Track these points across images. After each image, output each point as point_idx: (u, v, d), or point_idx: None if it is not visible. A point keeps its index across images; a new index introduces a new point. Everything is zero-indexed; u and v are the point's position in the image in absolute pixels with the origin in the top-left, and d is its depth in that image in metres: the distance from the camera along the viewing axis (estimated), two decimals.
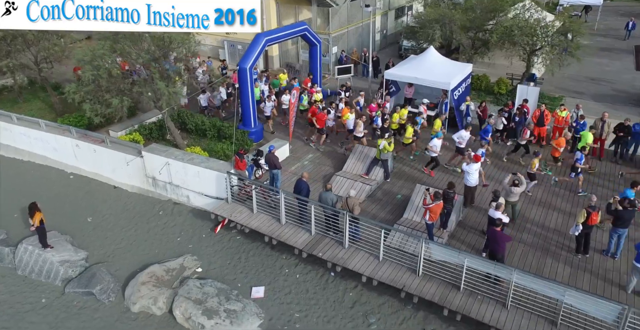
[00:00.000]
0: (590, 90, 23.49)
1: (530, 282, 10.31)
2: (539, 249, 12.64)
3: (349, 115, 17.31)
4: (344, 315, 11.98)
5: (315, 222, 13.14)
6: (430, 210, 11.96)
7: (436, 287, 11.40)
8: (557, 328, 10.18)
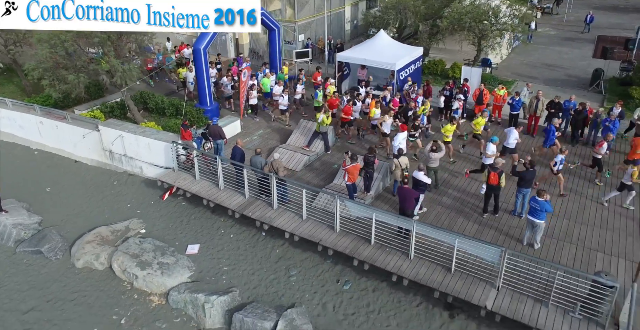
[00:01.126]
0: (544, 75, 24.46)
1: (429, 232, 11.30)
2: (454, 210, 13.64)
3: (375, 110, 16.81)
4: (268, 268, 13.00)
5: (248, 185, 14.16)
6: (348, 172, 12.99)
7: (350, 241, 12.40)
8: (450, 273, 11.15)
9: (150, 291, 12.72)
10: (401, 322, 11.27)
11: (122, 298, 12.69)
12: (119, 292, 12.88)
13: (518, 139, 14.80)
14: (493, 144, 13.95)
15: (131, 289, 12.95)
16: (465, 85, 18.74)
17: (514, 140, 14.76)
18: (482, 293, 10.60)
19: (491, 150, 13.88)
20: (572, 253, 11.77)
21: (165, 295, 12.53)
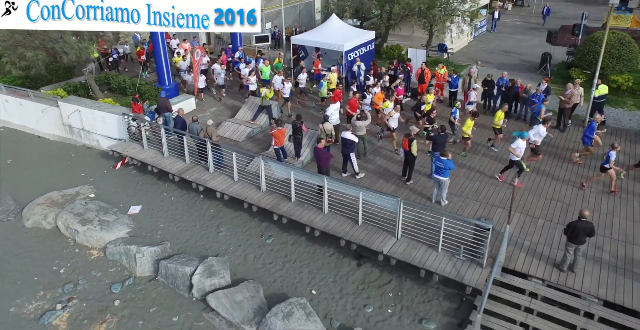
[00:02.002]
0: (498, 60, 25.51)
1: (338, 186, 12.38)
2: (377, 174, 14.70)
3: (388, 103, 16.19)
4: (201, 226, 14.11)
5: (189, 151, 15.28)
6: (274, 136, 14.11)
7: (273, 199, 13.49)
8: (358, 225, 12.22)
9: (91, 245, 13.82)
10: (313, 269, 12.34)
11: (64, 252, 13.80)
12: (62, 247, 13.99)
13: (542, 135, 14.06)
14: (522, 140, 13.06)
15: (74, 244, 14.05)
16: (409, 65, 19.82)
17: (537, 137, 14.02)
18: (382, 241, 11.66)
19: (517, 146, 12.99)
20: (474, 209, 12.81)
21: (104, 249, 13.62)
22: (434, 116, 15.52)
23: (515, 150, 13.04)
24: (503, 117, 15.27)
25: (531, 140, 13.92)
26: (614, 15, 27.56)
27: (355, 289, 11.72)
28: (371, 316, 11.05)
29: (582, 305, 9.94)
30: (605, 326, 9.65)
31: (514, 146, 13.06)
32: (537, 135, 14.00)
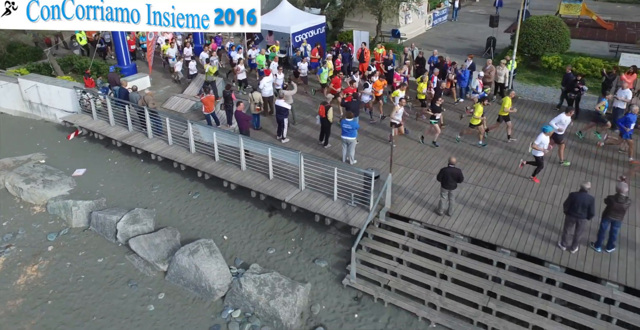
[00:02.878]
0: (450, 45, 26.85)
1: (249, 145, 13.76)
2: (298, 139, 16.03)
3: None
4: (137, 185, 15.50)
5: (131, 120, 16.67)
6: (203, 102, 15.48)
7: (199, 159, 14.87)
8: (269, 179, 13.58)
9: (34, 202, 15.21)
10: (229, 219, 13.72)
11: (9, 209, 15.19)
12: (8, 204, 15.38)
13: (564, 124, 13.55)
14: (545, 134, 12.49)
15: (19, 202, 15.44)
16: (350, 45, 21.18)
17: (559, 125, 13.52)
18: (287, 191, 13.01)
19: (540, 141, 12.45)
20: (379, 166, 14.13)
21: (45, 205, 15.01)
22: (440, 104, 15.01)
23: (539, 146, 12.44)
24: (511, 104, 14.75)
25: (556, 130, 13.33)
26: (565, 4, 29.05)
27: (263, 236, 13.09)
28: (272, 256, 12.41)
29: (449, 242, 11.27)
30: (466, 258, 10.98)
31: (537, 142, 12.42)
32: (560, 124, 13.49)
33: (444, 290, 10.61)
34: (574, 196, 10.01)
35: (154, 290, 11.89)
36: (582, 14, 29.22)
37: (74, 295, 11.81)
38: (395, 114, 14.70)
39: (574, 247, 10.42)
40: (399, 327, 10.43)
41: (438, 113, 14.93)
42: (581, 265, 10.11)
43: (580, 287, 9.91)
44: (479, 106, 14.45)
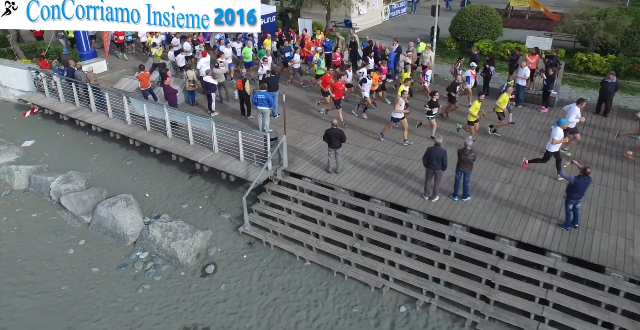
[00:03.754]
0: (399, 35, 28.30)
1: (174, 116, 15.41)
2: (226, 113, 17.65)
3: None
4: (79, 154, 17.17)
5: (78, 97, 18.35)
6: (138, 78, 17.14)
7: (134, 129, 16.52)
8: (190, 144, 15.22)
9: None
10: (154, 181, 15.38)
11: None
12: None
13: (580, 117, 13.42)
14: (560, 128, 12.18)
15: None
16: (292, 32, 22.83)
17: (575, 119, 13.31)
18: (202, 154, 14.65)
19: (558, 135, 12.12)
20: (291, 135, 15.72)
21: None
22: (437, 99, 14.67)
23: (557, 139, 12.17)
24: (508, 101, 14.69)
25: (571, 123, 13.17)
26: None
27: (180, 194, 14.74)
28: (184, 210, 14.07)
29: (332, 194, 12.89)
30: (344, 208, 12.59)
31: (557, 138, 12.13)
32: (574, 117, 13.28)
33: (321, 234, 12.23)
34: (429, 150, 11.61)
35: (76, 238, 13.55)
36: (531, 6, 30.83)
37: (4, 243, 13.47)
38: (399, 106, 14.13)
39: (434, 196, 12.01)
40: (280, 265, 12.04)
41: (435, 108, 14.66)
42: (436, 211, 11.70)
43: (432, 228, 11.51)
44: (475, 102, 14.19)
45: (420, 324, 10.21)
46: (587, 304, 9.63)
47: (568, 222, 10.78)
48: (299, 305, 10.90)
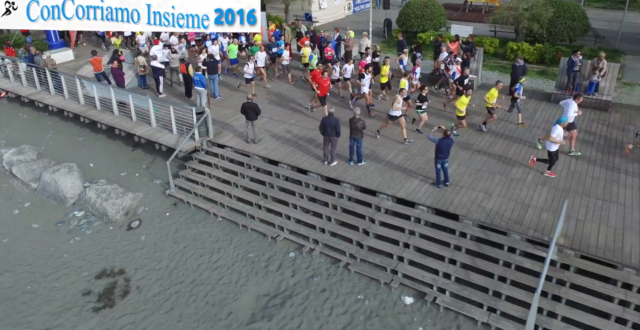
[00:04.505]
0: (359, 27, 29.93)
1: (119, 95, 17.20)
2: (173, 95, 19.42)
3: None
4: (37, 133, 19.01)
5: (39, 81, 20.16)
6: (91, 62, 18.95)
7: (85, 108, 18.32)
8: (132, 120, 16.98)
9: None
10: (101, 154, 17.19)
11: None
12: None
13: (577, 111, 13.24)
14: (560, 125, 12.04)
15: None
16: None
17: (573, 113, 13.17)
18: (140, 128, 16.42)
19: (557, 133, 11.99)
20: (225, 113, 17.45)
21: None
22: (426, 93, 14.79)
23: (556, 138, 12.06)
24: (497, 96, 14.66)
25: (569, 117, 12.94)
26: None
27: (122, 164, 16.52)
28: (122, 177, 15.86)
29: (247, 160, 14.64)
30: (255, 171, 14.35)
31: (554, 135, 12.02)
32: (572, 112, 13.16)
33: (233, 194, 13.98)
34: (323, 120, 13.33)
35: (23, 201, 15.34)
36: (487, 1, 32.52)
37: None
38: (397, 104, 14.16)
39: (332, 161, 13.73)
40: (196, 220, 13.81)
41: (424, 102, 14.79)
42: (332, 173, 13.42)
43: (325, 188, 13.24)
44: (462, 98, 14.34)
45: (303, 265, 11.93)
46: (439, 246, 11.33)
47: (439, 180, 12.48)
48: (204, 251, 12.65)
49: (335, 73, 17.51)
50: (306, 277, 11.58)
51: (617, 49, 23.68)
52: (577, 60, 16.77)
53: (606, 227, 10.77)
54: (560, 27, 22.19)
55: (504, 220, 11.20)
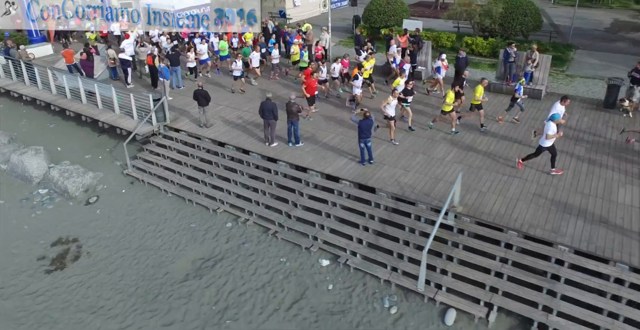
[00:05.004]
0: (325, 23, 31.47)
1: (86, 85, 18.60)
2: (141, 86, 20.79)
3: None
4: (12, 120, 20.41)
5: (15, 73, 21.58)
6: (62, 55, 20.37)
7: (56, 97, 19.74)
8: (98, 108, 18.38)
9: None
10: (70, 139, 18.58)
11: None
12: None
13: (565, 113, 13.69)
14: (553, 123, 12.32)
15: None
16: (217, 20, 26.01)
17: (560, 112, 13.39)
18: (105, 115, 17.82)
19: (552, 130, 12.24)
20: (184, 100, 18.78)
21: None
22: (411, 87, 15.25)
23: (551, 135, 12.31)
24: (483, 92, 14.88)
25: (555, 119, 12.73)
26: None
27: (87, 148, 17.93)
28: (86, 159, 17.27)
29: (198, 142, 16.01)
30: (204, 152, 15.71)
31: (550, 133, 12.27)
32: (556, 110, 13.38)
33: (183, 173, 15.36)
34: (262, 104, 14.67)
35: None
36: None
37: None
38: (387, 107, 14.11)
39: (272, 142, 15.08)
40: (149, 196, 15.19)
41: (410, 96, 15.23)
42: (271, 153, 14.76)
43: (263, 165, 14.59)
44: (450, 92, 14.65)
45: (237, 234, 13.30)
46: (356, 215, 12.66)
47: (363, 158, 13.81)
48: (152, 222, 14.02)
49: (322, 74, 17.82)
50: (238, 244, 12.94)
51: (570, 43, 24.99)
52: (511, 52, 18.13)
53: (503, 198, 12.09)
54: (513, 23, 23.46)
55: (414, 192, 12.52)
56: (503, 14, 22.99)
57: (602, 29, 28.43)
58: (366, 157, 13.80)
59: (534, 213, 11.41)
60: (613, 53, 23.41)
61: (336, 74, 18.42)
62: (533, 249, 10.72)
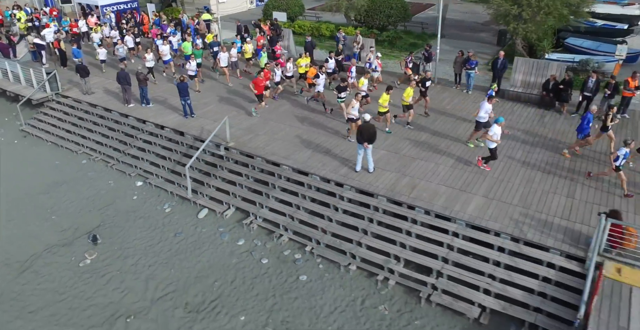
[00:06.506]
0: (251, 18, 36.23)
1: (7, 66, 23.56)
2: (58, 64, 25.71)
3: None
4: None
5: None
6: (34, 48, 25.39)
7: None
8: (9, 81, 23.30)
9: None
10: None
11: None
12: None
13: (489, 111, 14.47)
14: (498, 125, 13.08)
15: None
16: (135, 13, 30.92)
17: (484, 114, 14.47)
18: (12, 86, 22.72)
19: (495, 133, 13.03)
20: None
21: None
22: (345, 85, 16.45)
23: (493, 137, 13.05)
24: (412, 94, 15.66)
25: (480, 117, 14.34)
26: None
27: None
28: None
29: (78, 105, 20.87)
30: (85, 113, 20.57)
31: (490, 133, 13.06)
32: (483, 112, 14.42)
33: (63, 127, 20.21)
34: (118, 74, 19.44)
35: None
36: None
37: None
38: (351, 109, 14.76)
39: (129, 103, 19.86)
40: (33, 145, 20.00)
41: (343, 92, 16.28)
42: (132, 113, 19.50)
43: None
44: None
45: (101, 170, 18.07)
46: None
47: (185, 113, 18.58)
48: (30, 162, 18.81)
49: (275, 77, 18.97)
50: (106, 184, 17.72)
51: (440, 33, 29.50)
52: (340, 36, 22.79)
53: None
54: (380, 15, 27.97)
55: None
56: (369, 7, 27.51)
57: (481, 22, 32.74)
58: (188, 111, 18.48)
59: None
60: (469, 41, 27.62)
61: (290, 73, 19.60)
62: None
